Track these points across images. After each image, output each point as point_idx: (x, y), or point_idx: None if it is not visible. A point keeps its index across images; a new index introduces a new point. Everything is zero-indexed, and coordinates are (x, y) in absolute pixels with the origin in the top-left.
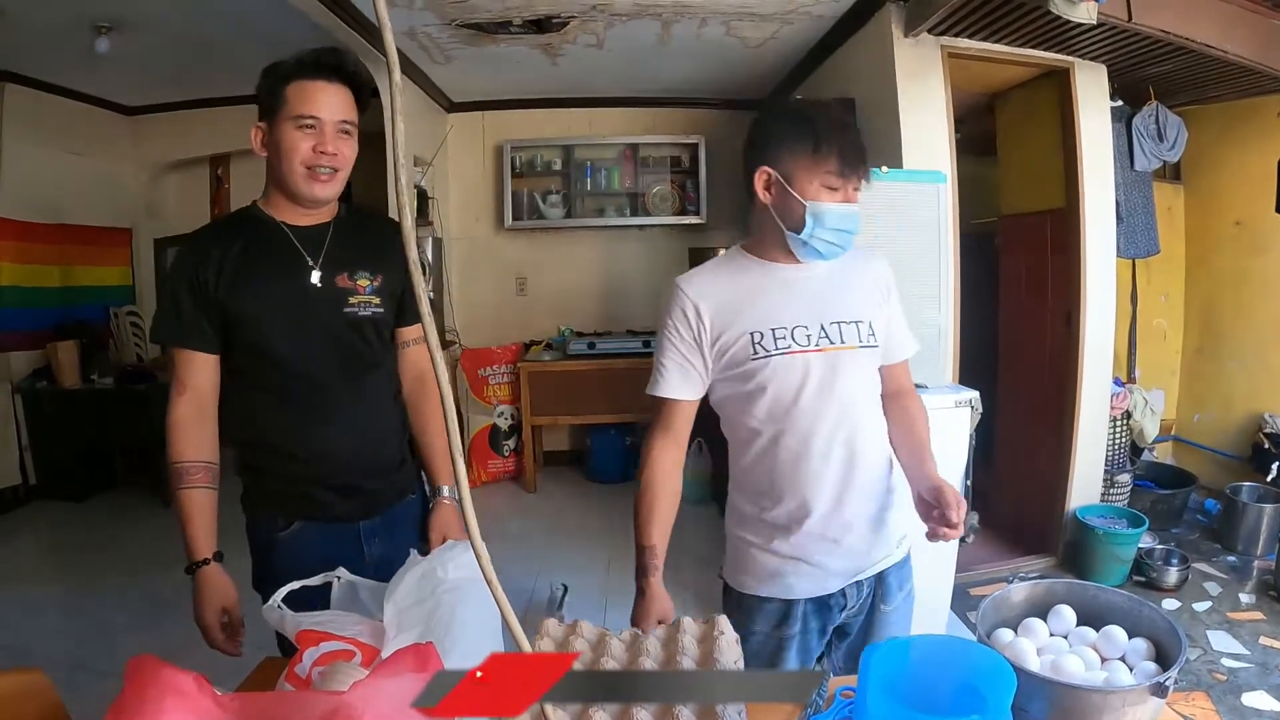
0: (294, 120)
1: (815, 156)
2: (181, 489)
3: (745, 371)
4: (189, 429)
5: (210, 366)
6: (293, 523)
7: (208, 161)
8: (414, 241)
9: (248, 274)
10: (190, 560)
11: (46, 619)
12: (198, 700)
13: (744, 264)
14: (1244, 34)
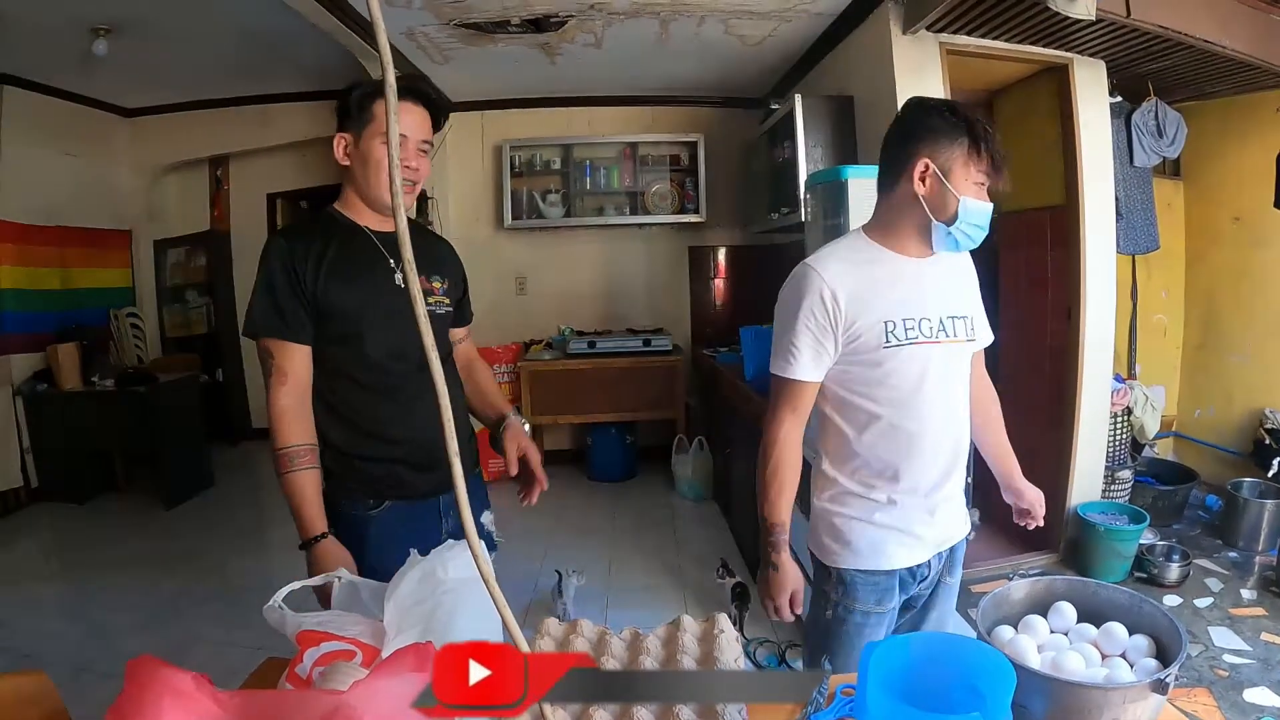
0: (383, 136)
1: (972, 154)
2: (292, 472)
3: (875, 358)
4: (293, 415)
5: (307, 357)
6: (383, 502)
7: (207, 163)
8: (408, 243)
9: (341, 271)
10: (307, 536)
11: (48, 621)
12: (197, 700)
13: (873, 253)
14: (1242, 29)
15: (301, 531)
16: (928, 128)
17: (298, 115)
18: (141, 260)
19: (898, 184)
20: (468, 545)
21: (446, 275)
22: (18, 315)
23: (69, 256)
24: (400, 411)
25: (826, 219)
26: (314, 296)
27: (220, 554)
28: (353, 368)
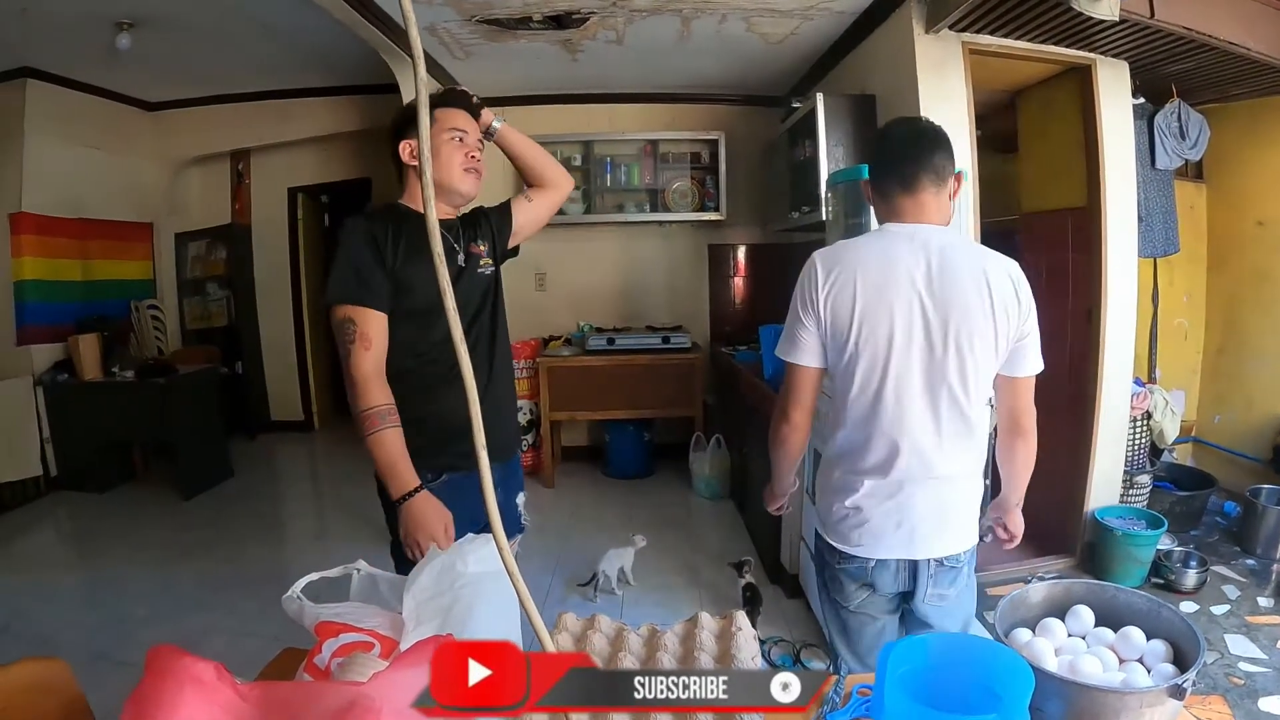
0: (448, 133)
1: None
2: (381, 430)
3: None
4: (377, 378)
5: (384, 325)
6: (441, 475)
7: (228, 157)
8: (438, 235)
9: (415, 251)
10: (404, 491)
11: (67, 609)
12: (218, 689)
13: None
14: (1267, 31)
15: (396, 487)
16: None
17: (319, 110)
18: (163, 253)
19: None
20: (491, 536)
21: (484, 237)
22: (39, 306)
23: (91, 248)
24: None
25: (847, 218)
26: (393, 271)
27: (238, 545)
28: (421, 344)
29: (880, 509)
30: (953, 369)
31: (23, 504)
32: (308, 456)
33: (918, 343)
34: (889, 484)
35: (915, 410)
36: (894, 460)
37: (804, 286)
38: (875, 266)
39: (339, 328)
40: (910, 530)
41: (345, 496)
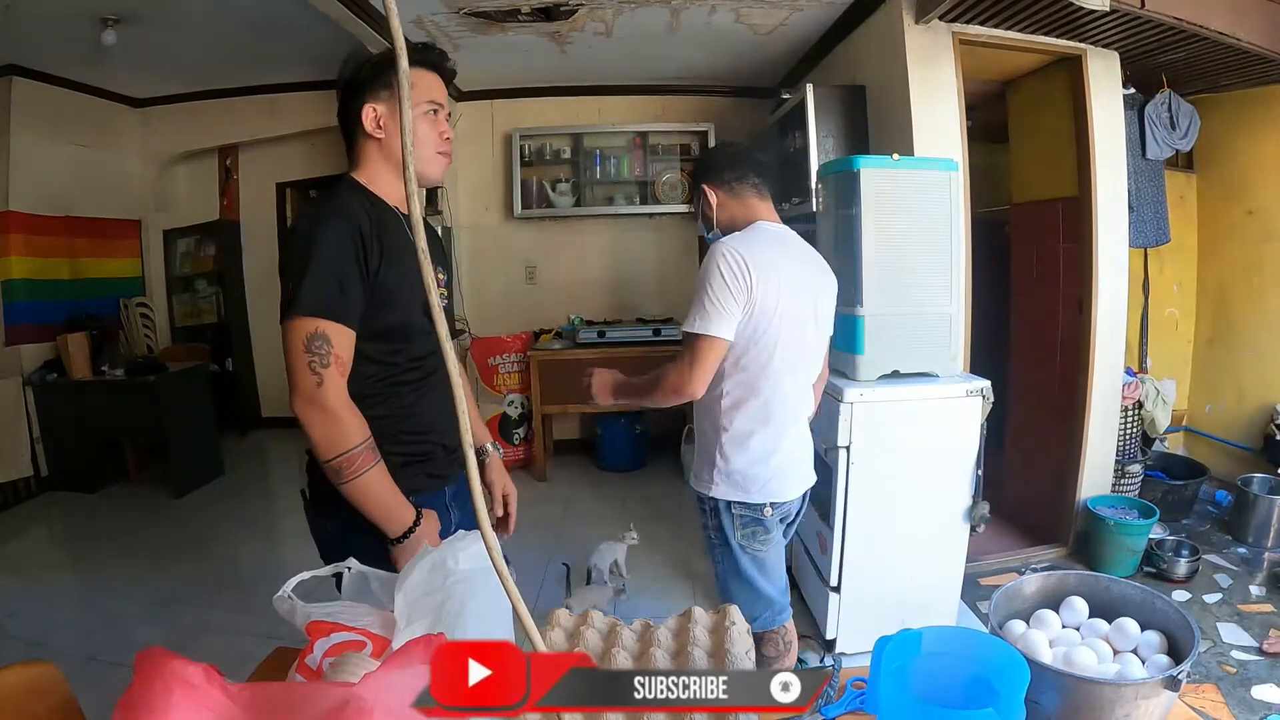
0: (425, 105)
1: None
2: (373, 467)
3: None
4: (350, 409)
5: (353, 345)
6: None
7: (216, 153)
8: (422, 232)
9: (391, 255)
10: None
11: (58, 610)
12: (207, 691)
13: None
14: (1257, 22)
15: (398, 526)
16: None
17: (307, 104)
18: (151, 250)
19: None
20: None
21: (445, 267)
22: (28, 305)
23: (79, 247)
24: (430, 400)
25: (838, 209)
26: (373, 277)
27: (230, 543)
28: (396, 356)
29: (794, 458)
30: (823, 338)
31: (13, 505)
32: (299, 453)
33: (808, 320)
34: (795, 437)
35: (805, 374)
36: (799, 417)
37: (734, 270)
38: (784, 255)
39: (307, 343)
40: (806, 468)
41: None
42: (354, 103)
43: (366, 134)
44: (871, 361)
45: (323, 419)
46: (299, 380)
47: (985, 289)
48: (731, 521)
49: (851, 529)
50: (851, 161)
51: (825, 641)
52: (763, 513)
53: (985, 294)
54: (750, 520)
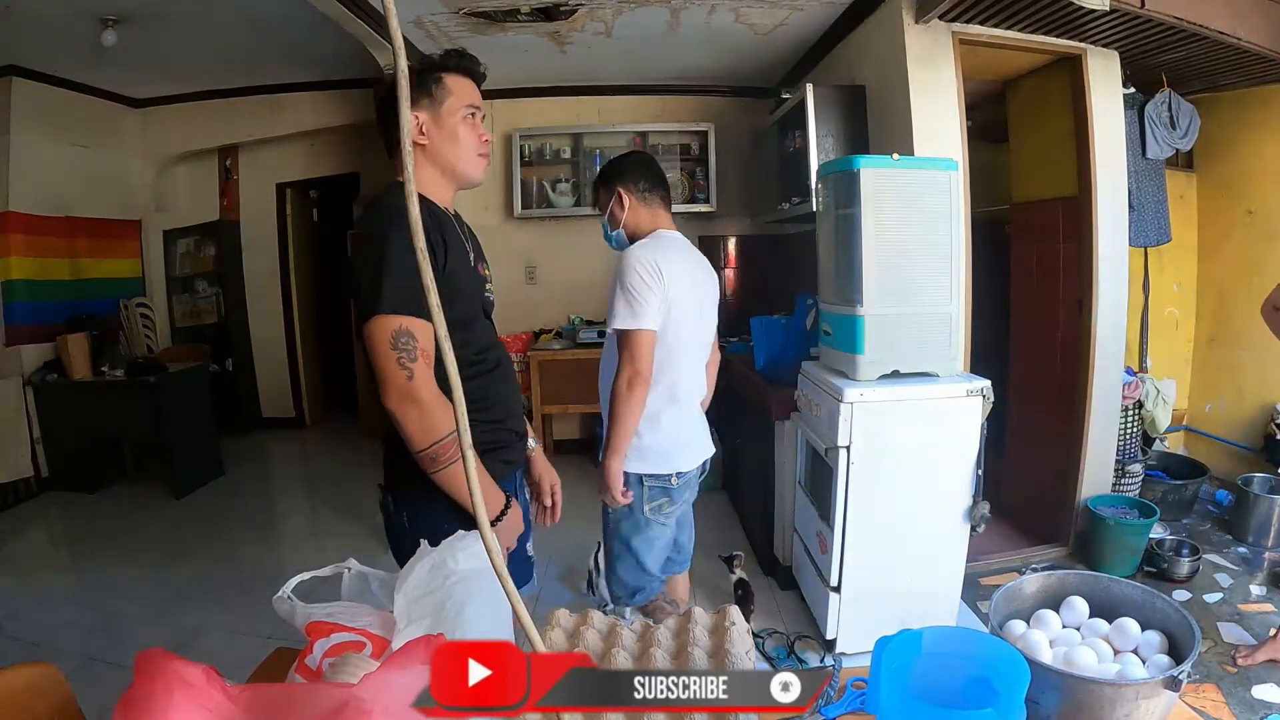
0: (465, 110)
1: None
2: (458, 459)
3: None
4: (440, 399)
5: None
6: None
7: (216, 153)
8: (420, 232)
9: (453, 251)
10: (501, 508)
11: (58, 611)
12: (207, 692)
13: None
14: (1257, 21)
15: (494, 508)
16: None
17: (306, 105)
18: (151, 250)
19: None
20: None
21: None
22: (28, 306)
23: (79, 247)
24: (503, 387)
25: (838, 209)
26: (442, 275)
27: (230, 543)
28: (463, 350)
29: (696, 432)
30: (711, 328)
31: (13, 505)
32: (299, 453)
33: (702, 313)
34: (696, 414)
35: (701, 360)
36: (696, 396)
37: (650, 270)
38: (683, 259)
39: (393, 340)
40: (706, 441)
41: (337, 494)
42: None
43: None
44: (871, 361)
45: (418, 411)
46: (390, 376)
47: (985, 289)
48: (642, 494)
49: (851, 529)
50: (851, 161)
51: (825, 641)
52: (670, 482)
53: (985, 294)
54: (659, 491)
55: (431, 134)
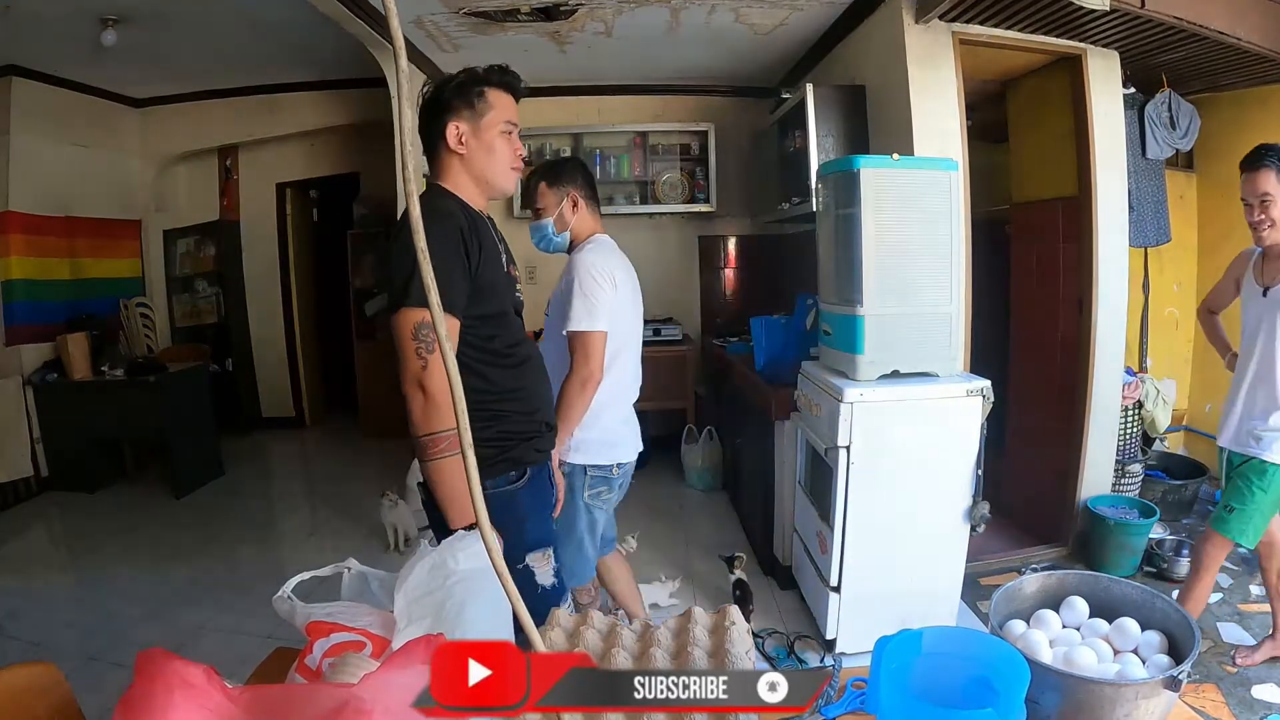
0: (504, 125)
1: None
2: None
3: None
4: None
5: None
6: (525, 471)
7: (216, 153)
8: (422, 232)
9: (487, 251)
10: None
11: (58, 610)
12: (207, 693)
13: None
14: (1257, 21)
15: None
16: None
17: (306, 105)
18: (151, 250)
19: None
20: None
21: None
22: (28, 305)
23: (79, 247)
24: (536, 380)
25: (838, 209)
26: (474, 273)
27: (230, 543)
28: (493, 343)
29: (633, 427)
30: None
31: (13, 505)
32: (299, 453)
33: (639, 314)
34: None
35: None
36: (636, 390)
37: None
38: (624, 263)
39: (415, 330)
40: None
41: (337, 494)
42: (439, 120)
43: (450, 149)
44: (871, 361)
45: (423, 400)
46: (407, 363)
47: (985, 289)
48: (584, 483)
49: (851, 529)
50: (851, 161)
51: (825, 641)
52: (612, 472)
53: (985, 294)
54: (600, 480)
55: (470, 144)
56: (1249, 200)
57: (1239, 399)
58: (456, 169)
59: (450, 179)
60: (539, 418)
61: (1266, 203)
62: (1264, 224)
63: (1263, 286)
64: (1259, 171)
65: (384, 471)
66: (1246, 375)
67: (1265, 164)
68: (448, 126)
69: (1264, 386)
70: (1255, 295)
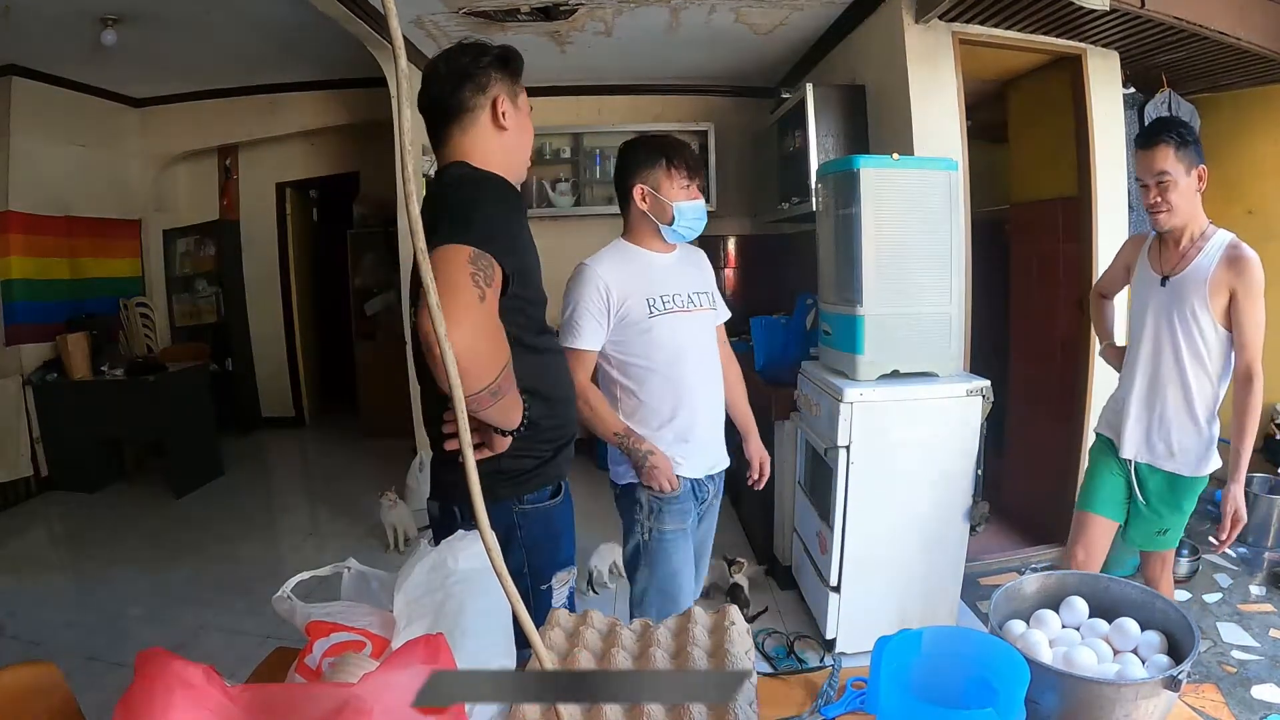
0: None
1: (671, 169)
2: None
3: (644, 326)
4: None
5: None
6: (561, 487)
7: (216, 152)
8: (421, 231)
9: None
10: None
11: (60, 610)
12: (207, 692)
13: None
14: (1258, 21)
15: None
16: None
17: (306, 104)
18: (151, 250)
19: (630, 206)
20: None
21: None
22: (28, 305)
23: (79, 247)
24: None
25: (838, 209)
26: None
27: (230, 543)
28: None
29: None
30: None
31: (13, 505)
32: (299, 453)
33: None
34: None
35: None
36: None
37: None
38: None
39: (472, 258)
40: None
41: (337, 493)
42: (483, 90)
43: (494, 123)
44: (871, 361)
45: (486, 335)
46: (457, 295)
47: (985, 289)
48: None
49: (851, 529)
50: (851, 161)
51: (825, 641)
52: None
53: (985, 294)
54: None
55: (511, 121)
56: (1145, 180)
57: (1138, 402)
58: (492, 147)
59: (481, 157)
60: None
61: (1164, 183)
62: (1161, 207)
63: (1161, 275)
64: (1155, 149)
65: (384, 471)
66: (1141, 374)
67: (1163, 140)
68: (498, 100)
69: (1171, 390)
70: (1151, 285)
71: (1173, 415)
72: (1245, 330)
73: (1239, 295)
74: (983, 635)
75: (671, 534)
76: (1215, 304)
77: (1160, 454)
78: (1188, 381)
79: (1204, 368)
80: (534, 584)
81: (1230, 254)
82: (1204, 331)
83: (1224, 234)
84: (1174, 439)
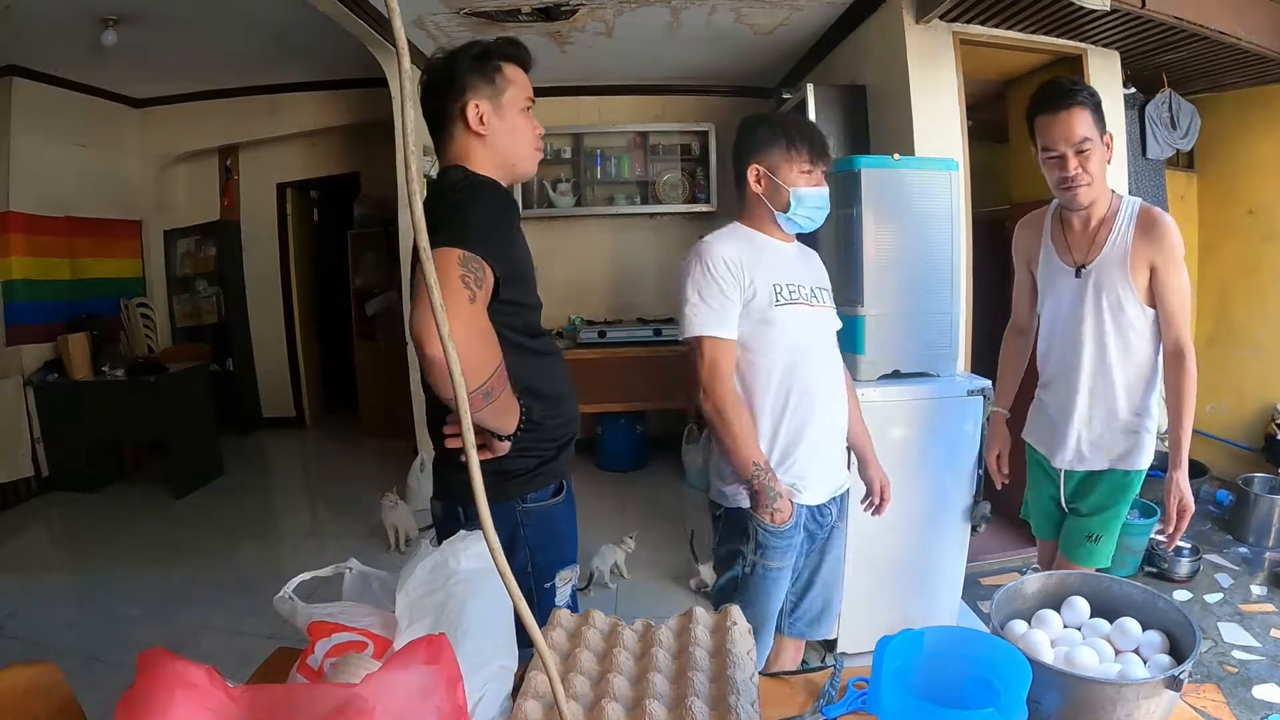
0: (525, 102)
1: (791, 152)
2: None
3: (768, 315)
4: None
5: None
6: (563, 486)
7: (216, 153)
8: (425, 230)
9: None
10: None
11: (58, 610)
12: (209, 693)
13: (752, 235)
14: (1258, 21)
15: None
16: (753, 140)
17: (307, 105)
18: (151, 250)
19: (745, 188)
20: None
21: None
22: (29, 306)
23: (79, 247)
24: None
25: (838, 209)
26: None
27: (231, 543)
28: (520, 334)
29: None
30: None
31: (14, 505)
32: (299, 453)
33: None
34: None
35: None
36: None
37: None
38: None
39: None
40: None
41: (337, 493)
42: (456, 98)
43: (470, 130)
44: (871, 361)
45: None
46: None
47: (985, 289)
48: (746, 535)
49: (852, 529)
50: (852, 161)
51: (826, 641)
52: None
53: (985, 294)
54: (755, 539)
55: (492, 125)
56: (1057, 150)
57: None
58: (477, 152)
59: (472, 162)
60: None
61: (1085, 151)
62: (1081, 179)
63: (1074, 266)
64: (1072, 111)
65: (384, 471)
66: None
67: (1079, 101)
68: (468, 106)
69: (1100, 392)
70: (1063, 278)
71: (1105, 417)
72: (1170, 303)
73: (1159, 267)
74: (984, 635)
75: (776, 571)
76: (1139, 284)
77: (1096, 457)
78: (1118, 379)
79: (1134, 358)
80: (538, 583)
81: (1143, 221)
82: (1132, 320)
83: (1130, 200)
84: (1106, 439)
